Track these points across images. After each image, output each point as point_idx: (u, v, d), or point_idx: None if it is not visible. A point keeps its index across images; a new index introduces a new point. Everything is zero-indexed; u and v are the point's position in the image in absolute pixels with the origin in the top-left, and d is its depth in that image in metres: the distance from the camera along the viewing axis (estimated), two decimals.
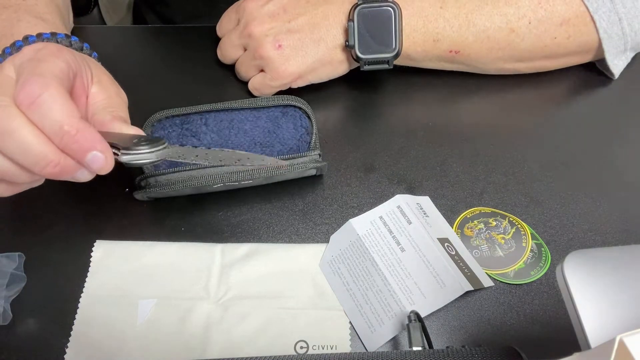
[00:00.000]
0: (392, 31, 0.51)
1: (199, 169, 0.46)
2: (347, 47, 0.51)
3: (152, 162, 0.37)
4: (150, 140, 0.36)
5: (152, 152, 0.36)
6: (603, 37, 0.52)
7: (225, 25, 0.56)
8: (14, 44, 0.40)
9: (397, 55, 0.51)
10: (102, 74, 0.42)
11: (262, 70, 0.54)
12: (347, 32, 0.51)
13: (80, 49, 0.43)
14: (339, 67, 0.54)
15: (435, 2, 0.52)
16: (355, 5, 0.50)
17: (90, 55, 0.44)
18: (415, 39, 0.52)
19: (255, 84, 0.54)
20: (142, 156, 0.36)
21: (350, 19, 0.50)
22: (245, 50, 0.55)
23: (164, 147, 0.37)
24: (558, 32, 0.52)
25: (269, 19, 0.52)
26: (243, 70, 0.55)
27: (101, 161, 0.34)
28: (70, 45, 0.42)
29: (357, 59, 0.52)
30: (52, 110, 0.33)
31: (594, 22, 0.51)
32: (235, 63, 0.56)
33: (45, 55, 0.36)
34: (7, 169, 0.35)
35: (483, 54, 0.53)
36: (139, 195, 0.47)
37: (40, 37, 0.41)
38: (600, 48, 0.53)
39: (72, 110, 0.33)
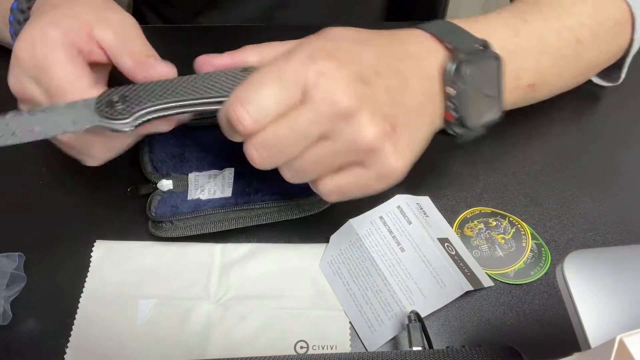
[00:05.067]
0: (497, 85, 0.39)
1: (219, 213, 0.45)
2: (453, 120, 0.38)
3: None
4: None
5: None
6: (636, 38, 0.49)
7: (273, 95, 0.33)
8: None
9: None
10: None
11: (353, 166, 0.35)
12: (448, 98, 0.37)
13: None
14: None
15: (508, 31, 0.43)
16: (458, 61, 0.36)
17: None
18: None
19: (345, 185, 0.35)
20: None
21: (452, 83, 0.36)
22: (318, 139, 0.33)
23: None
24: (613, 33, 0.48)
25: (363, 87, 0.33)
26: (317, 170, 0.35)
27: None
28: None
29: (459, 132, 0.39)
30: None
31: (633, 20, 0.48)
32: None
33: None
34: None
35: (555, 78, 0.47)
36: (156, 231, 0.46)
37: None
38: (626, 49, 0.50)
39: None
